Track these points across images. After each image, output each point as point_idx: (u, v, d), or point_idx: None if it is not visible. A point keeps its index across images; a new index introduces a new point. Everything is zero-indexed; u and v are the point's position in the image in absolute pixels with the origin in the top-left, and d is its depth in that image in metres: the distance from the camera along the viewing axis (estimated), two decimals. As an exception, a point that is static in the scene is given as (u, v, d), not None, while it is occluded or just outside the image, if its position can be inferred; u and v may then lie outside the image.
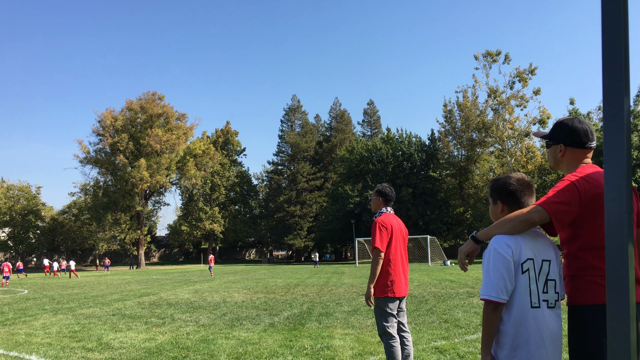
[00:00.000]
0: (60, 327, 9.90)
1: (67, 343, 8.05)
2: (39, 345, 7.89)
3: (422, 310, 11.03)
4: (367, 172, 58.66)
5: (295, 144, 72.19)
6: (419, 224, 54.03)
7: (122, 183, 57.92)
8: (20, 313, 12.48)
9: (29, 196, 69.53)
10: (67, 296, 17.49)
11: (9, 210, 66.43)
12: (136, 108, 59.42)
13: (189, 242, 75.60)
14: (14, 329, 9.80)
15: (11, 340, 8.48)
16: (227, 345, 7.54)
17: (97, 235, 62.03)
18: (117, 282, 26.12)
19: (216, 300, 14.65)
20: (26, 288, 23.27)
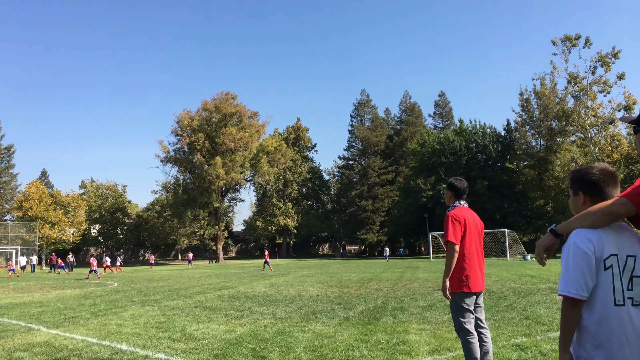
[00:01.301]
0: (147, 318, 10.47)
1: (154, 333, 8.51)
2: (128, 335, 8.39)
3: (501, 307, 10.75)
4: (439, 165, 57.54)
5: (365, 139, 71.97)
6: (495, 217, 52.40)
7: (200, 180, 60.01)
8: (111, 305, 13.29)
9: (116, 194, 73.73)
10: (153, 289, 18.42)
11: (99, 208, 70.75)
12: (211, 108, 61.36)
13: (264, 237, 77.39)
14: (106, 319, 10.47)
15: (103, 330, 9.07)
16: (303, 338, 7.70)
17: (179, 230, 64.81)
18: (198, 276, 27.18)
19: (292, 294, 14.95)
20: (116, 281, 24.70)
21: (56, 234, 59.06)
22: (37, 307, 13.31)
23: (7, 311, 12.45)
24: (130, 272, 37.23)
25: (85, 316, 11.01)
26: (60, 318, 10.82)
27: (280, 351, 6.80)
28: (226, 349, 7.01)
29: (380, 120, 76.46)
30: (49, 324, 10.02)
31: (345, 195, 73.64)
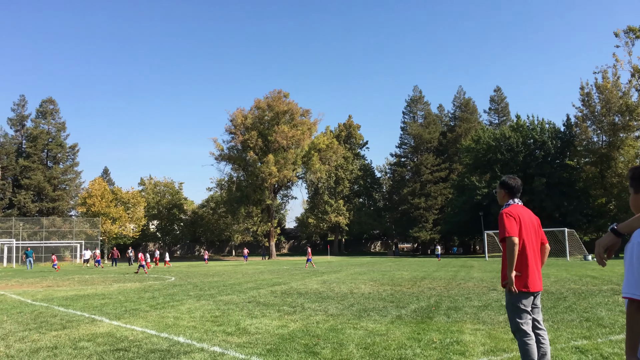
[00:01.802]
0: (203, 312, 10.75)
1: (209, 327, 8.73)
2: (185, 328, 8.63)
3: (560, 308, 10.40)
4: (495, 162, 56.13)
5: (418, 135, 71.11)
6: (554, 215, 50.64)
7: (253, 178, 60.93)
8: (168, 298, 13.72)
9: (173, 191, 75.93)
10: (208, 284, 18.88)
11: (157, 205, 73.08)
12: (264, 106, 62.15)
13: (316, 234, 77.81)
14: (164, 312, 10.81)
15: (162, 322, 9.37)
16: (355, 335, 7.70)
17: (233, 227, 66.18)
18: (251, 272, 27.63)
19: (343, 291, 14.97)
20: (173, 275, 25.46)
21: (117, 229, 61.45)
22: (100, 299, 13.90)
23: (72, 302, 13.06)
24: (187, 267, 38.27)
25: (145, 309, 11.41)
26: (121, 310, 11.26)
27: (332, 348, 6.83)
28: (279, 344, 7.10)
29: (433, 116, 75.33)
30: (111, 315, 10.45)
31: (397, 192, 73.07)
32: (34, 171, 63.87)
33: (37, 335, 8.20)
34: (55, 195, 65.16)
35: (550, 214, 50.49)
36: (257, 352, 6.63)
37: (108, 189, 64.55)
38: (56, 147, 67.41)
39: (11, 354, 6.76)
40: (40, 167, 65.18)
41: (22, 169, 64.46)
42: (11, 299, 14.51)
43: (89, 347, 7.15)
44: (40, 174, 64.07)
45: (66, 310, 11.50)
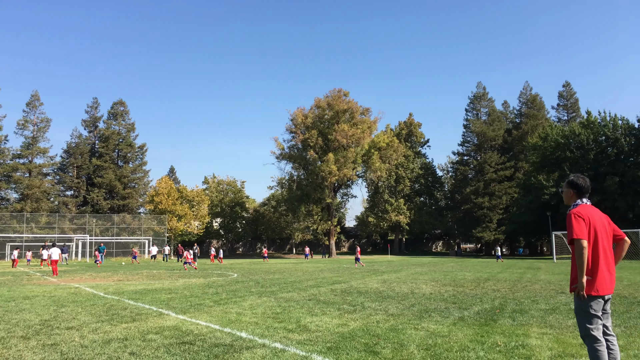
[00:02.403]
0: (264, 308, 10.93)
1: (270, 323, 8.86)
2: (247, 324, 8.81)
3: (633, 313, 9.87)
4: (563, 160, 53.86)
5: (481, 133, 69.34)
6: (628, 216, 48.03)
7: (313, 176, 61.33)
8: (231, 294, 14.03)
9: (235, 190, 77.68)
10: (269, 281, 19.18)
11: (220, 203, 74.98)
12: (324, 105, 62.41)
13: (376, 233, 77.42)
14: (227, 308, 11.07)
15: (225, 318, 9.60)
16: (416, 335, 7.61)
17: (293, 225, 66.90)
18: (311, 270, 27.84)
19: (404, 291, 14.82)
20: (236, 272, 26.04)
21: (182, 226, 63.50)
22: (167, 293, 14.41)
23: (141, 296, 13.61)
24: (249, 264, 39.04)
25: (209, 304, 11.73)
26: (186, 305, 11.63)
27: (392, 348, 6.77)
28: (339, 342, 7.12)
29: (498, 113, 73.21)
30: (177, 309, 10.81)
31: (459, 191, 71.56)
32: (105, 170, 67.01)
33: (109, 326, 8.60)
34: (125, 193, 68.10)
35: (624, 214, 47.93)
36: (318, 350, 6.67)
37: (174, 187, 66.78)
38: (126, 147, 70.44)
39: (85, 344, 7.12)
40: (112, 166, 68.30)
41: (95, 168, 67.79)
42: (85, 291, 15.29)
43: (156, 339, 7.43)
44: (112, 173, 67.13)
45: (135, 303, 11.99)
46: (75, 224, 59.53)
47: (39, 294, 14.67)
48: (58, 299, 13.05)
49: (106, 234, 59.28)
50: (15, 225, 55.44)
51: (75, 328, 8.49)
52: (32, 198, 60.29)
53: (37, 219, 57.92)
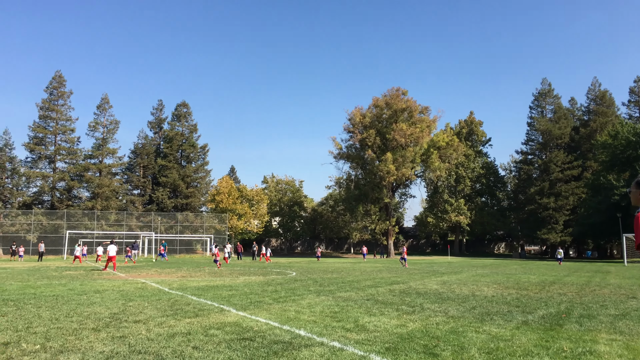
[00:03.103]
0: (322, 307, 10.98)
1: (328, 322, 8.90)
2: (305, 322, 8.88)
3: None
4: (635, 159, 51.13)
5: (546, 131, 66.89)
6: None
7: (371, 176, 61.10)
8: (290, 292, 14.20)
9: (293, 189, 78.51)
10: (327, 280, 19.26)
11: (279, 202, 75.99)
12: (382, 104, 62.03)
13: (435, 233, 76.20)
14: (286, 306, 11.21)
15: (284, 315, 9.73)
16: (477, 339, 7.44)
17: (351, 225, 66.90)
18: (369, 270, 27.74)
19: (465, 292, 14.52)
20: (294, 270, 26.31)
21: (242, 224, 64.79)
22: (228, 290, 14.74)
23: (203, 292, 14.00)
24: (307, 263, 39.34)
25: (268, 301, 11.91)
26: (246, 302, 11.86)
27: (452, 350, 6.66)
28: (398, 343, 7.06)
29: (564, 110, 70.40)
30: (237, 306, 11.05)
31: (523, 191, 69.36)
32: (170, 170, 69.33)
33: (173, 321, 8.90)
34: (188, 192, 70.21)
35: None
36: (376, 350, 6.65)
37: (234, 186, 68.22)
38: (189, 147, 72.61)
39: (151, 337, 7.40)
40: (175, 166, 70.58)
41: (160, 168, 70.28)
42: (151, 287, 15.89)
43: (218, 334, 7.62)
44: (175, 173, 69.37)
45: (198, 299, 12.34)
46: (142, 222, 61.95)
47: (109, 288, 15.36)
48: (126, 293, 13.62)
49: (170, 232, 61.31)
50: (86, 223, 58.31)
51: (142, 321, 8.83)
52: (102, 196, 63.19)
53: (106, 217, 60.69)
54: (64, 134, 65.30)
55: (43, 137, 64.23)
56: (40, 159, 64.44)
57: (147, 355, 6.31)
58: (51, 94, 65.08)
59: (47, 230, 56.83)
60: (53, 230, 56.65)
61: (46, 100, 64.54)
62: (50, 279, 19.23)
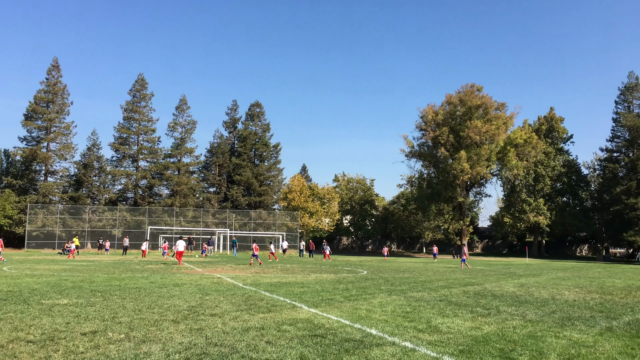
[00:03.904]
0: (394, 306, 10.91)
1: (400, 322, 8.83)
2: (377, 321, 8.86)
3: None
4: None
5: (633, 127, 62.86)
6: None
7: (444, 175, 59.92)
8: (361, 291, 14.20)
9: (364, 188, 78.33)
10: (399, 279, 19.09)
11: (350, 200, 76.09)
12: (455, 101, 60.64)
13: (512, 234, 73.57)
14: (357, 304, 11.22)
15: (355, 314, 9.74)
16: (557, 344, 7.13)
17: (423, 224, 65.91)
18: (442, 270, 27.24)
19: (544, 296, 13.94)
20: (365, 269, 26.27)
21: (314, 222, 65.42)
22: (299, 287, 14.95)
23: (276, 289, 14.28)
24: (378, 262, 39.16)
25: (339, 299, 11.97)
26: (318, 299, 11.98)
27: (531, 355, 6.42)
28: (472, 346, 6.90)
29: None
30: (309, 303, 11.18)
31: (608, 191, 65.57)
32: (243, 168, 71.18)
33: (247, 315, 9.15)
34: (261, 190, 71.79)
35: None
36: (449, 352, 6.53)
37: (306, 185, 68.98)
38: (262, 146, 74.22)
39: (226, 331, 7.65)
40: (249, 164, 72.36)
41: (234, 166, 72.30)
42: (226, 282, 16.39)
43: (290, 330, 7.75)
44: (249, 171, 71.12)
45: (271, 295, 12.60)
46: (217, 219, 63.99)
47: (187, 282, 15.99)
48: (203, 288, 14.13)
49: (244, 229, 62.93)
50: (166, 219, 60.98)
51: (218, 315, 9.14)
52: (180, 194, 65.85)
53: (184, 213, 63.19)
54: (145, 134, 68.63)
55: (127, 137, 67.82)
56: (124, 158, 68.12)
57: (222, 347, 6.52)
58: (134, 96, 68.54)
59: (131, 225, 59.95)
60: (136, 225, 59.67)
61: (130, 102, 68.05)
62: (134, 272, 20.28)
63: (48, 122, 63.07)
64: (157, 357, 5.98)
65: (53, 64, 64.86)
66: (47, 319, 8.38)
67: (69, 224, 58.63)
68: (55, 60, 65.08)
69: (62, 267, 23.76)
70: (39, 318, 8.49)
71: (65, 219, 58.98)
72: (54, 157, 63.73)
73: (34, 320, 8.30)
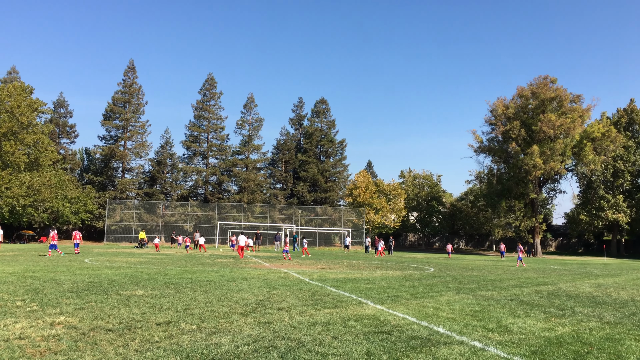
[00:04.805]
0: (462, 305, 10.68)
1: (468, 321, 8.63)
2: (444, 319, 8.71)
3: None
4: None
5: None
6: None
7: (515, 170, 58.02)
8: (428, 288, 14.00)
9: (431, 184, 77.08)
10: (467, 277, 18.67)
11: (416, 197, 75.13)
12: (527, 94, 58.48)
13: (588, 232, 70.13)
14: (424, 301, 11.08)
15: (422, 311, 9.62)
16: (637, 348, 6.76)
17: (493, 221, 64.08)
18: (513, 269, 26.40)
19: (623, 297, 13.22)
20: (432, 266, 25.88)
21: (380, 219, 65.10)
22: (365, 283, 14.94)
23: (342, 284, 14.34)
24: (445, 259, 38.51)
25: (406, 296, 11.86)
26: (384, 295, 11.92)
27: (608, 358, 6.12)
28: (545, 348, 6.65)
29: None
30: (375, 299, 11.15)
31: (696, 187, 61.17)
32: (309, 165, 71.85)
33: (314, 310, 9.24)
34: (326, 187, 72.23)
35: None
36: (521, 353, 6.33)
37: (371, 181, 68.73)
38: (327, 142, 74.61)
39: (293, 325, 7.76)
40: (315, 161, 72.97)
41: (300, 163, 73.14)
42: (293, 277, 16.63)
43: (356, 326, 7.77)
44: (315, 168, 71.71)
45: (337, 291, 12.67)
46: (284, 214, 64.98)
47: (255, 276, 16.36)
48: (270, 282, 14.41)
49: (310, 225, 63.56)
50: (235, 214, 62.58)
51: (285, 309, 9.29)
52: (248, 190, 67.37)
53: (252, 209, 64.63)
54: (215, 131, 70.71)
55: (197, 135, 70.18)
56: (195, 155, 70.54)
57: (289, 341, 6.63)
58: (204, 95, 70.76)
59: (201, 220, 61.99)
60: (206, 220, 61.64)
61: (200, 101, 70.33)
62: (204, 266, 20.97)
63: (125, 122, 66.28)
64: (227, 348, 6.16)
65: (129, 66, 68.04)
66: (125, 309, 8.82)
67: (144, 219, 61.39)
68: (131, 62, 68.25)
69: (138, 259, 24.92)
70: (117, 308, 8.95)
71: (140, 213, 61.81)
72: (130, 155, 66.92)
73: (113, 309, 8.76)
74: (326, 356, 5.93)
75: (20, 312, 8.33)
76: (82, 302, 9.53)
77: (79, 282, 13.04)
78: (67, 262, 21.07)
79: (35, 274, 15.12)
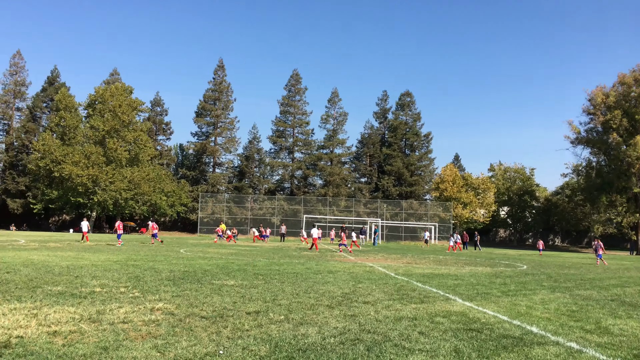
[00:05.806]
0: (558, 304, 10.17)
1: (564, 321, 8.21)
2: (538, 319, 8.33)
3: None
4: None
5: None
6: None
7: (617, 163, 54.39)
8: (520, 286, 13.44)
9: (523, 177, 73.89)
10: (563, 275, 17.75)
11: (507, 191, 72.33)
12: (629, 82, 54.48)
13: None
14: (516, 300, 10.65)
15: (514, 310, 9.26)
16: None
17: (592, 217, 60.45)
18: (614, 267, 24.82)
19: None
20: (525, 264, 24.84)
21: (468, 213, 63.32)
22: (453, 279, 14.60)
23: (429, 280, 14.11)
24: (538, 256, 36.84)
25: (496, 294, 11.47)
26: (473, 292, 11.59)
27: None
28: (651, 353, 6.19)
29: None
30: (463, 296, 10.87)
31: None
32: (394, 158, 71.23)
33: (400, 305, 9.17)
34: (412, 180, 71.29)
35: None
36: (622, 356, 5.93)
37: (459, 174, 67.01)
38: (413, 136, 73.55)
39: (379, 319, 7.75)
40: (400, 154, 72.21)
41: (384, 156, 72.70)
42: (379, 271, 16.58)
43: (444, 322, 7.62)
44: (400, 161, 70.98)
45: (423, 286, 12.49)
46: (369, 208, 64.93)
47: (340, 269, 16.48)
48: (356, 275, 14.46)
49: (395, 219, 63.05)
50: (320, 208, 63.36)
51: (371, 303, 9.29)
52: (333, 184, 67.95)
53: (337, 203, 65.15)
54: (300, 126, 71.92)
55: (283, 130, 71.70)
56: (281, 150, 72.16)
57: (375, 335, 6.62)
58: (289, 91, 72.10)
59: (288, 214, 63.33)
60: (292, 214, 62.90)
61: (285, 97, 71.77)
62: (291, 258, 21.42)
63: (215, 118, 69.04)
64: (313, 339, 6.26)
65: (219, 65, 70.75)
66: (217, 298, 9.21)
67: (234, 212, 63.70)
68: (221, 61, 70.90)
69: (229, 251, 25.90)
70: (210, 296, 9.36)
71: (230, 207, 64.21)
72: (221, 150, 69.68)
73: (206, 298, 9.17)
74: (413, 352, 5.86)
75: (123, 297, 8.93)
76: (179, 290, 10.05)
77: (175, 271, 13.77)
78: (165, 252, 22.32)
79: (136, 263, 16.14)
